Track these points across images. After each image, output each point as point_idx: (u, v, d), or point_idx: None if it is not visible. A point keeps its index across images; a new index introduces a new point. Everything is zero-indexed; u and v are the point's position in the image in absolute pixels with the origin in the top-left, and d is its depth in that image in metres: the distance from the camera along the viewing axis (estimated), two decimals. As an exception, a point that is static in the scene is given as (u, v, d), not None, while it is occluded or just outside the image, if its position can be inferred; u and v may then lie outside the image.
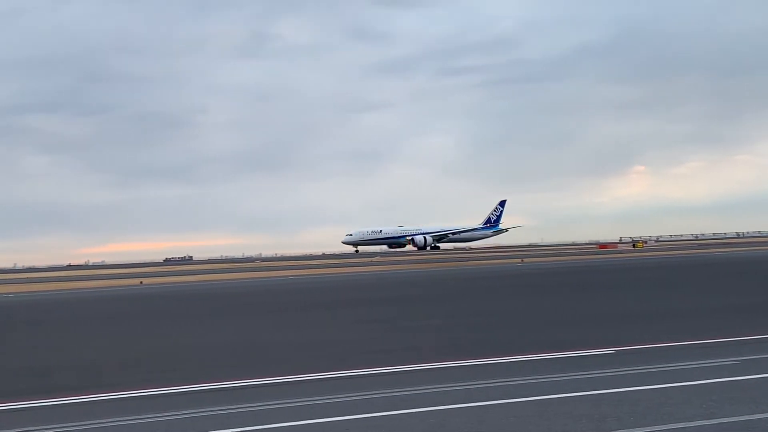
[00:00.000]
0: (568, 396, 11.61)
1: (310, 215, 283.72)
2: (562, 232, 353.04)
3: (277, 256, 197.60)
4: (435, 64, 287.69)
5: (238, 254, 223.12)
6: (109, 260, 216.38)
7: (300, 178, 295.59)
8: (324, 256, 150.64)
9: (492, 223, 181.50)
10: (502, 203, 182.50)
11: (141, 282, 61.80)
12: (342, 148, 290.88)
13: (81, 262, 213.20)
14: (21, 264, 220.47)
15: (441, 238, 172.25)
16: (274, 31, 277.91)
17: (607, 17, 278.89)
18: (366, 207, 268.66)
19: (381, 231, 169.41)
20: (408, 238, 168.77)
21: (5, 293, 53.71)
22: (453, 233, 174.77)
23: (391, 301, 33.23)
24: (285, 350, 18.77)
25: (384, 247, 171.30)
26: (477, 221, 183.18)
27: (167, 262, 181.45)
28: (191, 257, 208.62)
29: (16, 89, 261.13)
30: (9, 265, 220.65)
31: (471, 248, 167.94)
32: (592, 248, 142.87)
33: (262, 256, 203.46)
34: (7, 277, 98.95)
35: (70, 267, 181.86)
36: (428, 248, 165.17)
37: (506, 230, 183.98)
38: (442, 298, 34.48)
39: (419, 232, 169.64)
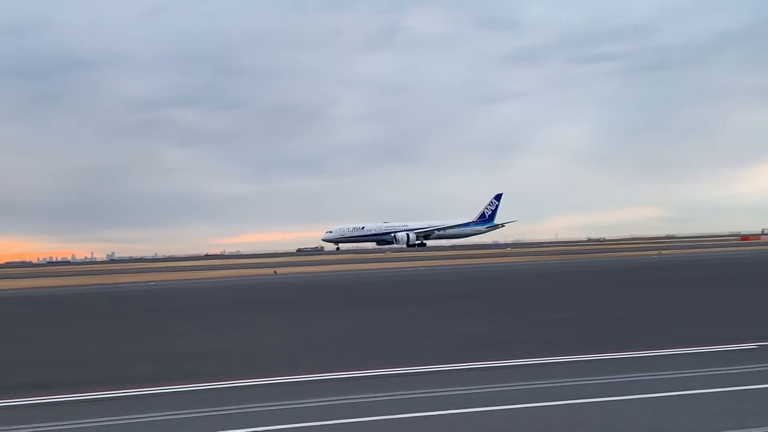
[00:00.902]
0: (709, 392, 11.16)
1: (443, 206, 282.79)
2: (702, 223, 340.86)
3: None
4: (568, 52, 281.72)
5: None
6: (244, 250, 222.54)
7: (432, 169, 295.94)
8: (454, 247, 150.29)
9: (487, 218, 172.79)
10: (498, 197, 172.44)
11: (275, 272, 63.21)
12: (474, 138, 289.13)
13: (217, 251, 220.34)
14: (161, 253, 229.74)
15: (428, 234, 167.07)
16: (404, 22, 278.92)
17: (750, 2, 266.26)
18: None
19: (363, 228, 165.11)
20: (393, 234, 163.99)
21: (146, 282, 55.98)
22: (438, 229, 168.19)
23: (521, 292, 32.90)
24: (433, 341, 18.79)
25: (371, 245, 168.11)
26: (474, 216, 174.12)
27: (299, 252, 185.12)
28: (323, 248, 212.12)
29: (158, 84, 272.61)
30: (150, 254, 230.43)
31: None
32: (733, 240, 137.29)
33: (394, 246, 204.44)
34: (148, 266, 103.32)
35: (207, 257, 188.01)
36: (416, 245, 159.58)
37: (502, 225, 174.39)
38: (576, 290, 33.76)
39: (405, 228, 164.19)
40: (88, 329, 24.87)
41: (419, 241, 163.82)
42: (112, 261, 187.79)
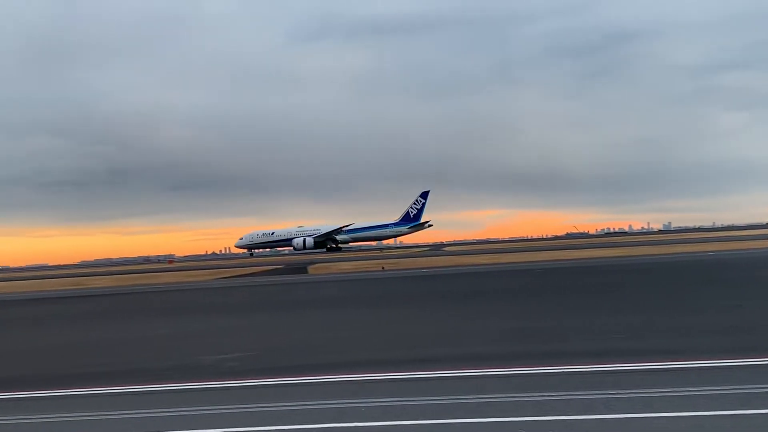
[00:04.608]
0: None
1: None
2: None
3: None
4: None
5: None
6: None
7: None
8: None
9: (411, 218, 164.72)
10: (424, 195, 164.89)
11: None
12: None
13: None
14: (719, 222, 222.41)
15: (332, 238, 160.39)
16: None
17: None
18: None
19: (273, 233, 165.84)
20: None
21: (702, 252, 54.66)
22: (334, 231, 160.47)
23: None
24: None
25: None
26: (397, 216, 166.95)
27: None
28: None
29: (710, 49, 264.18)
30: (707, 223, 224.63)
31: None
32: None
33: None
34: (705, 236, 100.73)
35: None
36: (330, 248, 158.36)
37: (429, 225, 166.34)
38: None
39: (317, 232, 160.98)
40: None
41: (331, 245, 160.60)
42: (662, 231, 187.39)
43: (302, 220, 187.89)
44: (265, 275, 60.73)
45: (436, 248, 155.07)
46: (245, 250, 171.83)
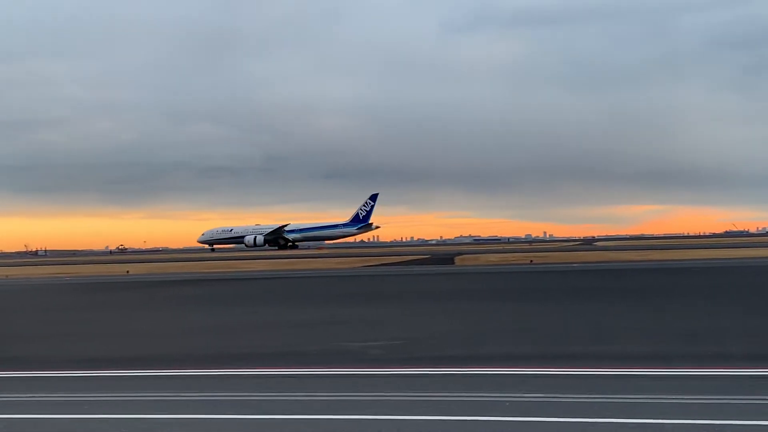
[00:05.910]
0: None
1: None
2: None
3: None
4: None
5: None
6: None
7: None
8: None
9: (361, 219, 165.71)
10: (374, 197, 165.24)
11: None
12: None
13: None
14: None
15: (280, 236, 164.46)
16: None
17: None
18: None
19: (232, 230, 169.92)
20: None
21: None
22: (279, 229, 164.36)
23: None
24: None
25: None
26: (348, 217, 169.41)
27: None
28: None
29: None
30: None
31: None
32: None
33: None
34: None
35: None
36: (285, 246, 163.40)
37: (377, 227, 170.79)
38: None
39: (271, 230, 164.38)
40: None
41: (283, 242, 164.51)
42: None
43: (450, 210, 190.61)
44: (410, 265, 61.07)
45: (587, 243, 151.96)
46: (207, 246, 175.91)
